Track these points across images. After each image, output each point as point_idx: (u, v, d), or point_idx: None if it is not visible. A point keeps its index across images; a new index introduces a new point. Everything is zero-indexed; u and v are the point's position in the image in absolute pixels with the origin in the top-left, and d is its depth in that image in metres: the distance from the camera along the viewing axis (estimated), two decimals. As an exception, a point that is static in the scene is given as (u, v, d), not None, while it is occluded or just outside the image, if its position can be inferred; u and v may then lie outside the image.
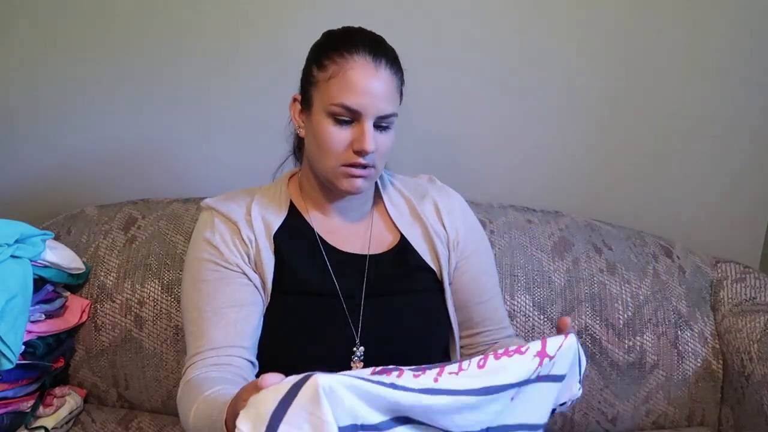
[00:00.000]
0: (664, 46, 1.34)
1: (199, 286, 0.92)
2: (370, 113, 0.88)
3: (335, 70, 0.88)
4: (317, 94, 0.90)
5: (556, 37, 1.35)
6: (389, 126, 0.91)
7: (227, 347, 0.88)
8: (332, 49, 0.90)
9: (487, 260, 1.06)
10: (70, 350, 1.25)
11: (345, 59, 0.88)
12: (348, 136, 0.89)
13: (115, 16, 1.40)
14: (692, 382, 1.21)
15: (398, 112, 0.92)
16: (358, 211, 1.01)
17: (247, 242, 0.94)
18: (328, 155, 0.90)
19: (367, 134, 0.87)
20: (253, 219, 0.96)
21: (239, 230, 0.94)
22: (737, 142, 1.40)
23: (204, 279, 0.92)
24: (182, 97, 1.44)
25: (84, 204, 1.41)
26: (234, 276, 0.92)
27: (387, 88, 0.89)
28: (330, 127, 0.89)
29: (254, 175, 1.15)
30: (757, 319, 1.18)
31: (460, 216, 1.04)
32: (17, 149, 1.53)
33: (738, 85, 1.36)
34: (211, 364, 0.86)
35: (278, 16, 1.36)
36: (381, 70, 0.88)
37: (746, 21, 1.32)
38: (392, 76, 0.90)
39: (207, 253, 0.93)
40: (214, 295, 0.91)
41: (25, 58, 1.45)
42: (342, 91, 0.87)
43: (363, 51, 0.88)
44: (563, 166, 1.44)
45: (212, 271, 0.92)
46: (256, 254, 0.94)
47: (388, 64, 0.89)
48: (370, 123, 0.88)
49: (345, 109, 0.87)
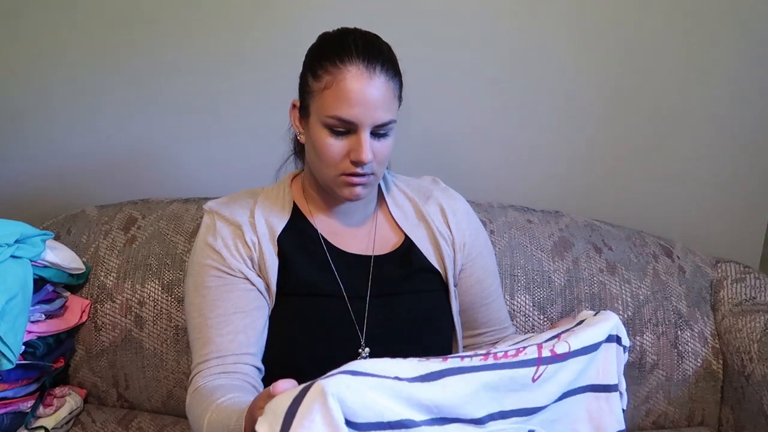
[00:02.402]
0: (664, 46, 1.34)
1: (203, 292, 0.92)
2: (366, 123, 0.86)
3: (329, 80, 0.86)
4: (313, 105, 0.89)
5: (556, 37, 1.35)
6: (387, 133, 0.90)
7: (234, 355, 0.88)
8: (326, 59, 0.87)
9: (491, 262, 1.06)
10: (70, 350, 1.25)
11: (338, 69, 0.85)
12: (345, 147, 0.88)
13: (117, 17, 1.40)
14: (692, 382, 1.21)
15: (396, 118, 0.90)
16: (362, 214, 1.01)
17: (251, 246, 0.93)
18: (326, 165, 0.90)
19: (363, 145, 0.86)
20: (256, 222, 0.95)
21: (243, 233, 0.94)
22: (737, 142, 1.40)
23: (207, 285, 0.92)
24: (182, 97, 1.44)
25: (84, 204, 1.41)
26: (237, 282, 0.92)
27: (382, 96, 0.86)
28: (327, 138, 0.88)
29: (255, 175, 1.15)
30: (757, 319, 1.18)
31: (465, 218, 1.04)
32: (17, 149, 1.53)
33: (738, 85, 1.36)
34: (219, 372, 0.86)
35: (279, 18, 1.36)
36: (375, 78, 0.85)
37: (746, 21, 1.32)
38: (388, 82, 0.87)
39: (210, 258, 0.93)
40: (218, 302, 0.91)
41: (25, 60, 1.45)
42: (336, 102, 0.85)
43: (356, 58, 0.85)
44: (563, 166, 1.44)
45: (215, 278, 0.92)
46: (259, 257, 0.93)
47: (383, 69, 0.86)
48: (366, 133, 0.86)
49: (340, 121, 0.86)
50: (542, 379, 0.66)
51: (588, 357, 0.71)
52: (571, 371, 0.70)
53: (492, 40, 1.36)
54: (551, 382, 0.67)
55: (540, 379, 0.65)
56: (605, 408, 0.74)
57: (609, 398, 0.75)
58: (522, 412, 0.66)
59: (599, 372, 0.74)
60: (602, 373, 0.74)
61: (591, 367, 0.73)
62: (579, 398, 0.73)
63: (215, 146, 1.48)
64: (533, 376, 0.65)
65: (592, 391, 0.74)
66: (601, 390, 0.74)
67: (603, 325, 0.74)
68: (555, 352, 0.67)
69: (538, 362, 0.65)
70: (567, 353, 0.68)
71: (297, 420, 0.52)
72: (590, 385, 0.74)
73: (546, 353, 0.66)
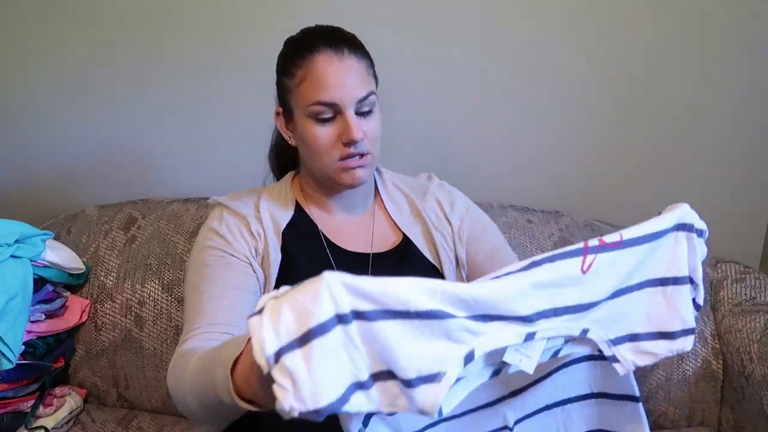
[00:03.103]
0: (665, 48, 1.34)
1: (202, 270, 0.90)
2: (348, 102, 0.88)
3: (302, 73, 0.89)
4: (294, 101, 0.91)
5: (557, 37, 1.35)
6: (372, 109, 0.91)
7: (227, 324, 0.83)
8: (294, 56, 0.91)
9: (497, 238, 1.06)
10: (70, 350, 1.25)
11: (308, 60, 0.89)
12: (334, 132, 0.90)
13: (117, 17, 1.40)
14: (692, 382, 1.21)
15: (376, 91, 0.92)
16: (360, 207, 1.02)
17: (256, 236, 0.94)
18: (321, 155, 0.91)
19: (351, 124, 0.88)
20: (262, 215, 0.96)
21: (248, 224, 0.94)
22: (737, 142, 1.40)
23: (207, 264, 0.90)
24: (183, 97, 1.44)
25: (84, 204, 1.41)
26: (239, 264, 0.91)
27: (356, 74, 0.89)
28: (314, 128, 0.90)
29: (255, 175, 1.15)
30: (757, 319, 1.18)
31: (464, 207, 1.05)
32: (17, 149, 1.53)
33: (738, 86, 1.36)
34: (210, 339, 0.81)
35: (279, 18, 1.36)
36: (345, 59, 0.89)
37: (745, 23, 1.31)
38: (358, 61, 0.90)
39: (213, 241, 0.93)
40: (216, 278, 0.89)
41: (25, 60, 1.45)
42: (314, 89, 0.88)
43: (322, 46, 0.89)
44: (563, 166, 1.44)
45: (217, 257, 0.91)
46: (264, 249, 0.94)
47: (350, 51, 0.90)
48: (350, 112, 0.88)
49: (323, 106, 0.88)
50: (593, 271, 0.58)
51: (648, 247, 0.62)
52: (627, 263, 0.61)
53: (492, 40, 1.36)
54: (604, 276, 0.59)
55: (590, 270, 0.58)
56: (673, 302, 0.65)
57: (675, 292, 0.65)
58: (574, 309, 0.59)
59: (664, 264, 0.65)
60: (669, 265, 0.65)
61: (653, 259, 0.64)
62: (638, 295, 0.64)
63: (216, 146, 1.48)
64: (582, 267, 0.57)
65: (656, 286, 0.65)
66: (669, 283, 0.65)
67: (668, 215, 0.66)
68: (604, 242, 0.59)
69: (584, 251, 0.57)
70: (619, 242, 0.59)
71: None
72: (652, 280, 0.65)
73: (593, 243, 0.58)
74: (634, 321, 0.64)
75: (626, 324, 0.64)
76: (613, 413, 0.73)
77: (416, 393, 0.48)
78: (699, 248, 0.69)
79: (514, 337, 0.55)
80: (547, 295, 0.57)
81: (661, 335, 0.65)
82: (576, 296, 0.59)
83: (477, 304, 0.51)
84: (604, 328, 0.63)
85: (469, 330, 0.51)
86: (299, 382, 0.43)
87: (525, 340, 0.56)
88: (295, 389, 0.43)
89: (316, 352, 0.44)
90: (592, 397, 0.74)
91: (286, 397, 0.43)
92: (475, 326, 0.52)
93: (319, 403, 0.43)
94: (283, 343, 0.43)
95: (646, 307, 0.65)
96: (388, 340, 0.47)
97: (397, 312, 0.47)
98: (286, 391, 0.43)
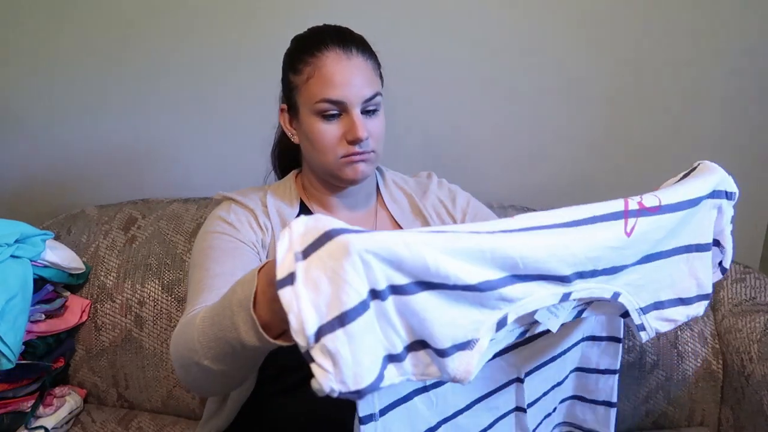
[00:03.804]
0: (666, 47, 1.34)
1: (207, 252, 0.88)
2: (354, 101, 0.89)
3: (310, 70, 0.89)
4: (301, 98, 0.92)
5: (557, 37, 1.35)
6: (377, 109, 0.92)
7: None
8: (303, 52, 0.91)
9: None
10: (70, 350, 1.25)
11: (317, 57, 0.89)
12: (339, 130, 0.90)
13: (117, 17, 1.40)
14: (692, 382, 1.21)
15: (381, 92, 0.93)
16: (363, 206, 1.02)
17: (264, 228, 0.94)
18: (325, 152, 0.91)
19: (356, 122, 0.88)
20: (269, 210, 0.97)
21: (256, 216, 0.95)
22: (737, 143, 1.40)
23: (213, 246, 0.89)
24: (183, 97, 1.44)
25: (84, 204, 1.41)
26: (247, 250, 0.90)
27: (363, 73, 0.90)
28: (320, 125, 0.90)
29: (256, 175, 1.15)
30: (757, 319, 1.18)
31: (464, 199, 1.07)
32: (17, 149, 1.53)
33: (738, 86, 1.36)
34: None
35: (280, 17, 1.36)
36: (353, 58, 0.89)
37: (745, 22, 1.31)
38: (366, 61, 0.91)
39: (221, 227, 0.92)
40: (223, 259, 0.86)
41: (25, 60, 1.45)
42: (322, 86, 0.88)
43: (332, 45, 0.89)
44: (563, 166, 1.44)
45: (225, 241, 0.90)
46: (271, 242, 0.94)
47: (358, 50, 0.90)
48: (356, 111, 0.89)
49: (329, 103, 0.88)
50: (636, 235, 0.57)
51: (684, 214, 0.61)
52: (663, 229, 0.61)
53: (492, 39, 1.36)
54: (644, 240, 0.59)
55: (633, 234, 0.57)
56: (693, 268, 0.65)
57: (696, 258, 0.65)
58: (610, 271, 0.59)
59: (693, 232, 0.64)
60: (696, 233, 0.65)
61: (686, 226, 0.63)
62: (668, 262, 0.64)
63: (216, 146, 1.48)
64: (625, 230, 0.57)
65: (683, 253, 0.65)
66: (692, 250, 0.65)
67: (705, 179, 0.65)
68: (643, 205, 0.59)
69: (625, 214, 0.57)
70: (657, 207, 0.59)
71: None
72: (681, 247, 0.64)
73: (633, 205, 0.58)
74: (660, 287, 0.64)
75: (653, 290, 0.64)
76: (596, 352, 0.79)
77: (449, 361, 0.48)
78: (726, 211, 0.68)
79: (550, 298, 0.55)
80: (594, 257, 0.56)
81: (680, 301, 0.65)
82: (615, 258, 0.58)
83: (525, 265, 0.51)
84: (634, 295, 0.62)
85: (505, 298, 0.51)
86: (341, 364, 0.42)
87: (560, 301, 0.56)
88: (337, 370, 0.42)
89: (357, 332, 0.43)
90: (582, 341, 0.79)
91: (327, 379, 0.42)
92: (511, 293, 0.51)
93: (360, 384, 0.43)
94: (324, 321, 0.42)
95: (672, 273, 0.65)
96: (425, 312, 0.46)
97: (435, 284, 0.46)
98: (327, 374, 0.42)
